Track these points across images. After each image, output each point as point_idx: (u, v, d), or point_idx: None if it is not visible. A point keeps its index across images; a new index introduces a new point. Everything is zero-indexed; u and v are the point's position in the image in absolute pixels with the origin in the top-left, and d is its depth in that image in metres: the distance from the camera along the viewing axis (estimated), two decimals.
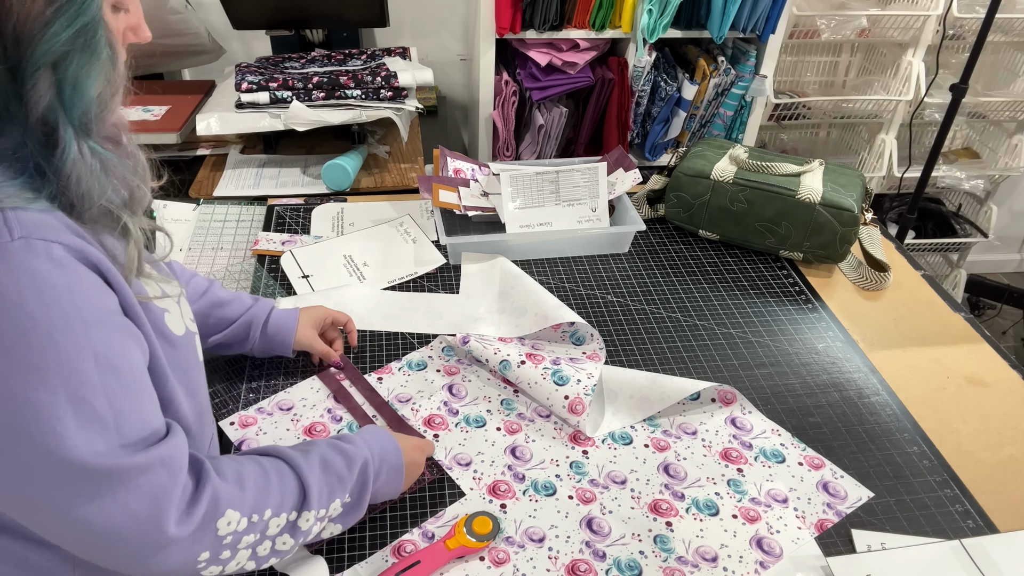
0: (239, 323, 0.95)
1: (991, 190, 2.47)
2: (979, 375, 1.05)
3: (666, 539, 0.81)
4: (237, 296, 0.97)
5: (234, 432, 0.91)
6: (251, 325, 0.95)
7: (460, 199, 1.28)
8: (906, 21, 1.99)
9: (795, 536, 0.82)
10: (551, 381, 0.95)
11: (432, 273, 1.21)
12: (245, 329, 0.95)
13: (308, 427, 0.92)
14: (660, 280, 1.22)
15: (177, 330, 0.69)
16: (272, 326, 0.96)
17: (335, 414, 0.94)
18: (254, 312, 0.96)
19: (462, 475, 0.87)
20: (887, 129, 2.18)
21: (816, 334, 1.12)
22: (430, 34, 2.09)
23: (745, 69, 1.81)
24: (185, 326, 0.71)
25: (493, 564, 0.78)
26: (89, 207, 0.59)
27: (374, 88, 1.47)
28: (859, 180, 1.26)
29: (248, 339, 0.96)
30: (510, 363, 0.98)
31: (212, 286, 0.95)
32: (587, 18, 1.72)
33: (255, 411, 0.94)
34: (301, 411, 0.95)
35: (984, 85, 2.31)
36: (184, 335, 0.70)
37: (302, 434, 0.91)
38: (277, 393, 0.97)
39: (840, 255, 1.23)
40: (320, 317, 1.00)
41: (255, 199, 1.41)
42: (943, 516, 0.85)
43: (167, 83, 1.78)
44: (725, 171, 1.26)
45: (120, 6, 0.60)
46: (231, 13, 1.64)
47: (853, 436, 0.95)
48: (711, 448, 0.92)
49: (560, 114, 1.82)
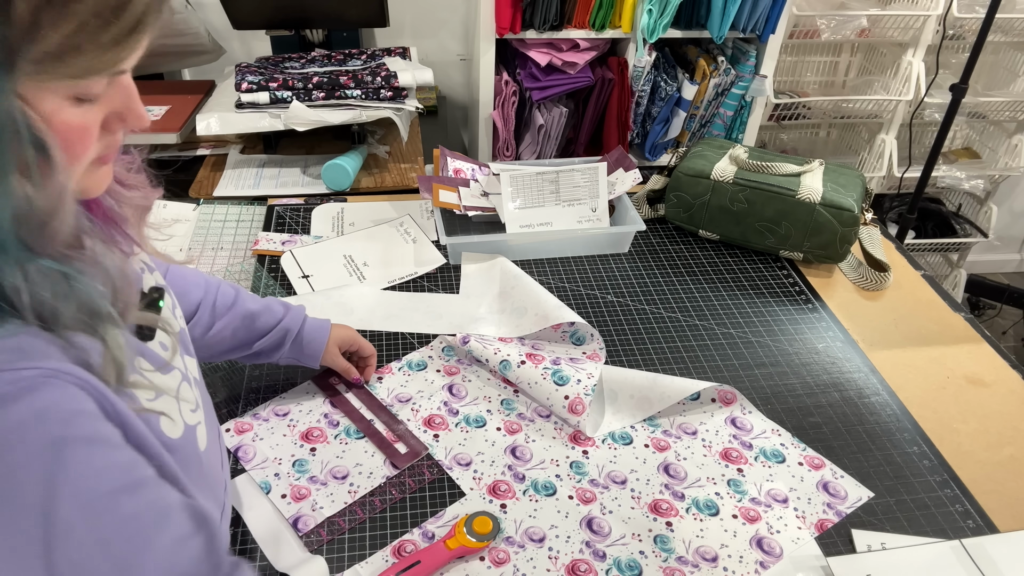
0: (273, 334, 0.91)
1: (991, 190, 2.47)
2: (979, 375, 1.05)
3: (666, 539, 0.81)
4: (267, 305, 0.92)
5: (230, 439, 0.91)
6: (285, 336, 0.91)
7: (460, 199, 1.28)
8: (906, 21, 2.00)
9: (795, 536, 0.82)
10: (551, 381, 0.95)
11: (432, 273, 1.21)
12: (279, 340, 0.91)
13: (305, 432, 0.92)
14: (660, 280, 1.22)
15: (175, 432, 0.60)
16: (306, 338, 0.93)
17: (332, 419, 0.94)
18: (287, 324, 0.92)
19: (462, 475, 0.87)
20: (887, 129, 2.18)
21: (816, 334, 1.12)
22: (430, 34, 2.09)
23: (745, 69, 1.82)
24: (183, 424, 0.62)
25: (493, 564, 0.78)
26: (59, 324, 0.49)
27: (374, 88, 1.47)
28: (859, 180, 1.26)
29: (280, 350, 0.92)
30: (510, 363, 0.98)
31: (239, 296, 0.90)
32: (587, 18, 1.72)
33: (251, 417, 0.94)
34: (297, 416, 0.94)
35: (984, 85, 2.31)
36: (183, 434, 0.61)
37: (299, 439, 0.91)
38: (272, 400, 0.97)
39: (840, 255, 1.23)
40: (349, 339, 0.97)
41: (255, 199, 1.41)
42: (943, 516, 0.85)
43: (167, 83, 1.78)
44: (725, 171, 1.26)
45: (85, 96, 0.47)
46: (231, 13, 1.64)
47: (853, 436, 0.95)
48: (711, 448, 0.92)
49: (560, 114, 1.82)
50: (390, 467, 0.87)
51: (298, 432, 0.92)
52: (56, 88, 0.44)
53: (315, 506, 0.82)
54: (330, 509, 0.82)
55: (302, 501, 0.83)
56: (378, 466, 0.88)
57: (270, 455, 0.88)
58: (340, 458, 0.88)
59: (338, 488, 0.85)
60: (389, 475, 0.86)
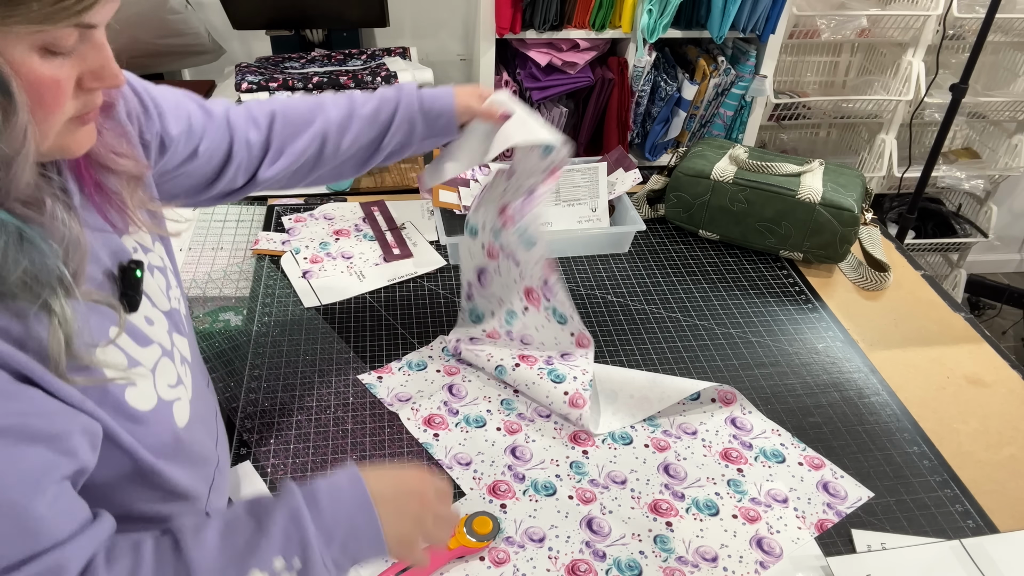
0: (397, 121, 0.86)
1: (991, 190, 2.47)
2: (979, 375, 1.05)
3: (666, 539, 0.81)
4: (380, 96, 0.87)
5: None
6: (412, 121, 0.86)
7: (460, 199, 1.28)
8: (906, 21, 1.99)
9: (795, 536, 0.82)
10: (548, 380, 0.95)
11: (432, 273, 1.21)
12: (407, 127, 0.86)
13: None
14: (660, 280, 1.22)
15: (144, 404, 0.59)
16: (426, 102, 0.86)
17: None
18: (406, 107, 0.86)
19: (462, 475, 0.87)
20: (887, 129, 2.18)
21: (816, 334, 1.12)
22: (430, 34, 2.09)
23: (745, 69, 1.81)
24: (157, 397, 0.61)
25: (493, 564, 0.78)
26: (1, 284, 0.48)
27: (374, 88, 1.47)
28: (859, 180, 1.26)
29: (412, 135, 0.87)
30: (505, 368, 0.98)
31: (353, 100, 0.86)
32: (587, 18, 1.72)
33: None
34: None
35: (984, 85, 2.31)
36: (155, 407, 0.60)
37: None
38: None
39: (840, 255, 1.23)
40: (474, 90, 0.90)
41: (255, 199, 1.41)
42: (943, 516, 0.85)
43: (167, 83, 1.78)
44: (725, 171, 1.26)
45: (55, 48, 0.47)
46: (231, 13, 1.64)
47: (853, 436, 0.95)
48: (711, 448, 0.92)
49: (560, 114, 1.82)
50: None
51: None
52: (21, 35, 0.45)
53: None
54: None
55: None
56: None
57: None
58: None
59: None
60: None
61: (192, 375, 0.70)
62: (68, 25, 0.47)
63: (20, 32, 0.45)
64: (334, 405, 0.97)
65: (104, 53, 0.51)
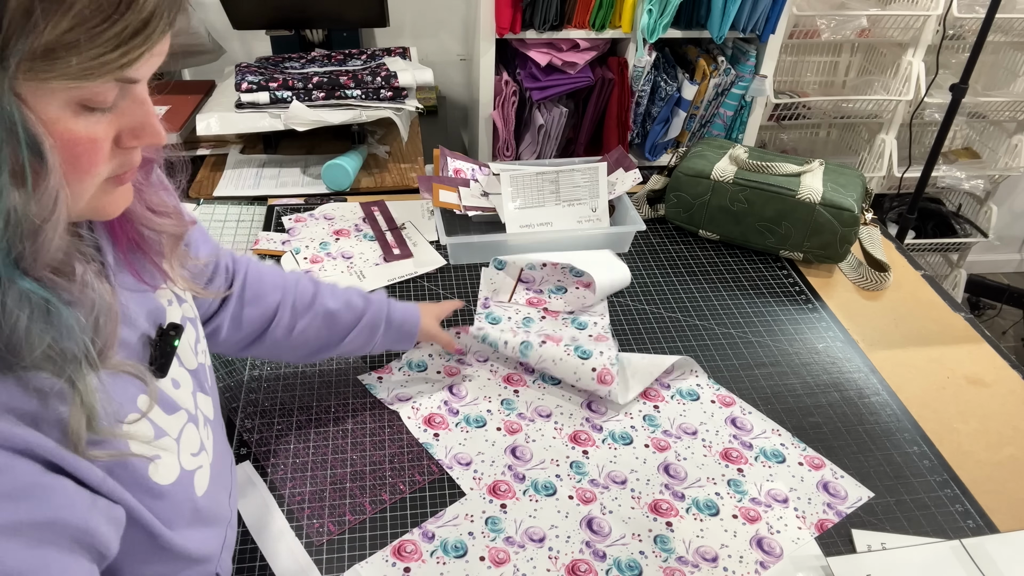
0: (359, 330, 0.88)
1: (991, 190, 2.47)
2: (979, 375, 1.05)
3: (666, 539, 0.81)
4: (347, 302, 0.88)
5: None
6: (373, 330, 0.90)
7: (460, 199, 1.28)
8: (906, 21, 2.00)
9: (795, 536, 0.82)
10: (575, 356, 0.96)
11: (432, 273, 1.21)
12: (367, 336, 0.89)
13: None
14: (660, 280, 1.22)
15: (166, 478, 0.56)
16: (396, 323, 0.91)
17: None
18: (371, 319, 0.89)
19: (462, 475, 0.87)
20: (887, 129, 2.18)
21: (816, 334, 1.12)
22: (430, 34, 2.09)
23: (745, 69, 1.82)
24: (180, 468, 0.58)
25: (493, 564, 0.78)
26: (22, 358, 0.44)
27: (374, 88, 1.47)
28: (859, 180, 1.26)
29: (371, 343, 0.91)
30: (531, 343, 0.99)
31: (318, 294, 0.87)
32: (587, 18, 1.72)
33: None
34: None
35: (984, 85, 2.31)
36: (177, 479, 0.57)
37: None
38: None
39: (840, 255, 1.23)
40: (440, 310, 0.99)
41: (255, 199, 1.41)
42: (943, 516, 0.85)
43: (167, 83, 1.78)
44: (725, 171, 1.26)
45: (92, 104, 0.43)
46: (231, 13, 1.64)
47: (853, 436, 0.95)
48: (711, 448, 0.92)
49: (560, 114, 1.82)
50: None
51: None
52: (57, 91, 0.41)
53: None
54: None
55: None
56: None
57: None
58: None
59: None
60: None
61: (213, 434, 0.66)
62: (109, 80, 0.43)
63: (56, 88, 0.41)
64: (334, 405, 0.97)
65: (145, 108, 0.47)
